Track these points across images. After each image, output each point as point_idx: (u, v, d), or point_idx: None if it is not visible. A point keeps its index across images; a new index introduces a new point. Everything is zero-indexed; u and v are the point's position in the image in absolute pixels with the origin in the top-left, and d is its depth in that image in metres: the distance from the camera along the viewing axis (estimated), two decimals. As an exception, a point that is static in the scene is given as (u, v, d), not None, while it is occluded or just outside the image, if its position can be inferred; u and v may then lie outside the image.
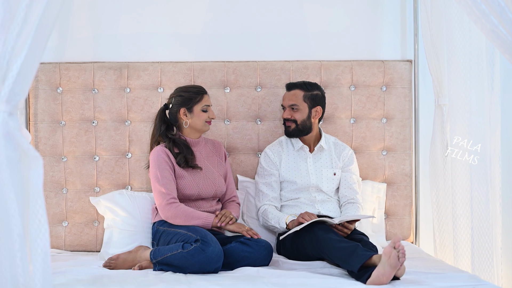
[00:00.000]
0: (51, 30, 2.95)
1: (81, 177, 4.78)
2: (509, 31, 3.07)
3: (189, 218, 4.25)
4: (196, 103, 4.40)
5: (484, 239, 4.35)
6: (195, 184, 4.37)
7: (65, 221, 4.78)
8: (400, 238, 3.70)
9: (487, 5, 3.04)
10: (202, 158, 4.49)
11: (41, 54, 2.94)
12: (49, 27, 2.91)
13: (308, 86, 4.59)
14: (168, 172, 4.33)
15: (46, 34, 2.90)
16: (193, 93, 4.41)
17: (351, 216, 4.23)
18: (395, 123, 4.95)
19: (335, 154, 4.69)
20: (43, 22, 2.87)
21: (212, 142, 4.62)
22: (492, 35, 3.10)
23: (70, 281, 3.84)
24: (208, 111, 4.43)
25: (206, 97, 4.44)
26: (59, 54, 4.85)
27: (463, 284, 3.70)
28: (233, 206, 4.53)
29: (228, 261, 4.17)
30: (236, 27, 4.97)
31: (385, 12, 5.05)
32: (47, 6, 2.83)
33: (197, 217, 4.26)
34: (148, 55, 4.90)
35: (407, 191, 4.97)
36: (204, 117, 4.42)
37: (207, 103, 4.43)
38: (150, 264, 4.21)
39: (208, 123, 4.45)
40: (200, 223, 4.25)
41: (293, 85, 4.62)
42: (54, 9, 2.89)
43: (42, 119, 4.73)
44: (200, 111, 4.42)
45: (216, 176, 4.47)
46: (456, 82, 4.49)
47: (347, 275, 3.97)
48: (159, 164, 4.34)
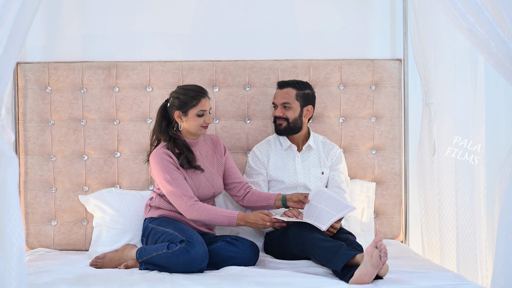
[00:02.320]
0: (27, 31, 2.96)
1: (70, 176, 4.79)
2: (486, 30, 3.06)
3: (213, 221, 4.19)
4: (191, 107, 4.30)
5: (469, 238, 4.34)
6: (195, 187, 4.34)
7: (54, 220, 4.79)
8: (382, 237, 3.69)
9: (464, 4, 3.04)
10: (202, 158, 4.44)
11: (17, 54, 2.95)
12: (24, 28, 2.92)
13: (301, 85, 4.59)
14: (177, 172, 4.28)
15: (22, 35, 2.91)
16: (190, 97, 4.30)
17: (335, 217, 4.19)
18: (384, 122, 4.94)
19: (324, 153, 4.68)
20: (19, 23, 2.88)
21: (211, 138, 4.55)
22: (469, 34, 3.09)
23: (54, 280, 3.84)
24: (204, 116, 4.32)
25: (204, 101, 4.32)
26: (48, 53, 4.86)
27: (446, 283, 3.70)
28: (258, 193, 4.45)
29: (214, 260, 4.17)
30: (225, 26, 4.97)
31: (375, 11, 5.04)
32: (22, 7, 2.84)
33: (220, 217, 4.19)
34: (136, 54, 4.91)
35: (397, 190, 4.96)
36: (199, 122, 4.32)
37: (203, 108, 4.31)
38: (136, 263, 4.21)
39: (204, 127, 4.34)
40: (224, 223, 4.19)
41: (286, 83, 4.61)
42: (30, 10, 2.89)
43: (31, 119, 4.74)
44: (195, 116, 4.31)
45: (215, 177, 4.44)
46: (442, 81, 4.49)
47: (331, 274, 3.96)
48: (165, 166, 4.28)
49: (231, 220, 4.17)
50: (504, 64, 3.06)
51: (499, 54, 3.06)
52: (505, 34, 3.05)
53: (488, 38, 3.06)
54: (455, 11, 3.07)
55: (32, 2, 2.90)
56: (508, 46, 3.02)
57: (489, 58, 3.11)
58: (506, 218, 3.05)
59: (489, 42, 3.07)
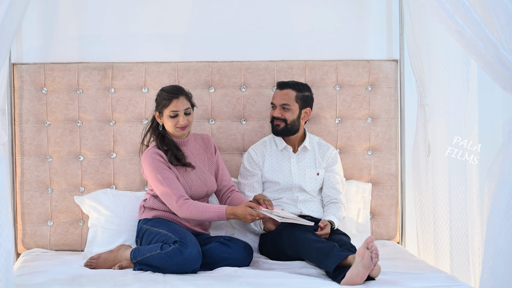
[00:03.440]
0: (14, 35, 2.96)
1: (66, 177, 4.81)
2: (474, 32, 3.05)
3: (203, 217, 4.17)
4: (164, 108, 4.30)
5: (462, 239, 4.33)
6: (187, 186, 4.34)
7: (50, 220, 4.80)
8: (373, 239, 3.70)
9: (452, 5, 3.03)
10: (193, 157, 4.44)
11: (4, 59, 2.95)
12: (12, 32, 2.92)
13: (300, 87, 4.58)
14: (168, 171, 4.28)
15: (8, 39, 2.91)
16: (162, 97, 4.31)
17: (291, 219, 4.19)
18: (380, 123, 4.93)
19: (319, 154, 4.68)
20: (5, 27, 2.88)
21: (201, 137, 4.55)
22: (458, 35, 3.08)
23: (47, 280, 3.86)
24: (178, 117, 4.29)
25: (175, 101, 4.28)
26: (44, 54, 4.87)
27: (439, 284, 3.70)
28: (239, 196, 4.45)
29: (208, 261, 4.17)
30: (221, 27, 4.98)
31: (371, 12, 5.04)
32: (8, 11, 2.84)
33: (210, 213, 4.16)
34: (132, 55, 4.91)
35: (393, 191, 4.95)
36: (173, 122, 4.30)
37: (175, 109, 4.27)
38: (130, 263, 4.22)
39: (181, 128, 4.32)
40: (214, 218, 4.17)
41: (286, 84, 4.60)
42: (16, 14, 2.90)
43: (27, 119, 4.76)
44: (169, 117, 4.30)
45: (207, 176, 4.44)
46: (436, 82, 4.48)
47: (324, 275, 3.97)
48: (156, 166, 4.29)
49: (220, 215, 4.15)
50: (493, 66, 3.05)
51: (488, 56, 3.05)
52: (494, 35, 3.04)
53: (476, 39, 3.05)
54: (443, 12, 3.06)
55: (19, 6, 2.90)
56: (496, 47, 3.01)
57: (477, 59, 3.10)
58: (495, 220, 3.04)
59: (477, 43, 3.06)
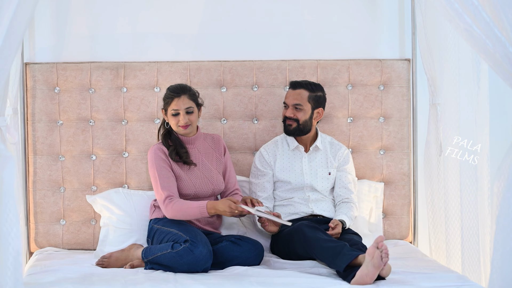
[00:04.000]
0: (22, 37, 2.97)
1: (78, 176, 4.82)
2: (483, 31, 3.04)
3: (186, 214, 4.20)
4: (167, 105, 4.34)
5: (473, 239, 4.31)
6: (191, 183, 4.35)
7: (63, 219, 4.83)
8: (383, 238, 3.69)
9: (461, 4, 3.02)
10: (200, 155, 4.45)
11: (11, 62, 2.96)
12: (19, 34, 2.94)
13: (313, 87, 4.57)
14: (166, 169, 4.30)
15: (16, 41, 2.93)
16: (166, 96, 4.36)
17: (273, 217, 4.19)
18: (392, 122, 4.92)
19: (331, 153, 4.67)
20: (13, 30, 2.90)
21: (212, 137, 4.56)
22: (466, 34, 3.07)
23: (58, 279, 3.88)
24: (179, 116, 4.33)
25: (176, 100, 4.31)
26: (57, 54, 4.89)
27: (449, 284, 3.69)
28: (237, 198, 4.44)
29: (218, 260, 4.18)
30: (233, 26, 4.98)
31: (383, 11, 5.03)
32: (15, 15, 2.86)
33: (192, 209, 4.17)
34: (144, 54, 4.92)
35: (405, 191, 4.94)
36: (175, 121, 4.34)
37: (175, 107, 4.30)
38: (142, 262, 4.23)
39: (182, 127, 4.34)
40: (197, 215, 4.18)
41: (299, 84, 4.59)
42: (24, 17, 2.92)
43: (39, 119, 4.78)
44: (171, 115, 4.34)
45: (214, 174, 4.44)
46: (448, 81, 4.46)
47: (335, 274, 3.97)
48: (156, 162, 4.32)
49: (202, 211, 4.16)
50: (502, 65, 3.04)
51: (496, 55, 3.03)
52: (503, 34, 3.02)
53: (485, 38, 3.04)
54: (451, 11, 3.05)
55: (26, 10, 2.92)
56: (505, 46, 3.00)
57: (486, 58, 3.09)
58: (504, 219, 3.03)
59: (486, 42, 3.05)
